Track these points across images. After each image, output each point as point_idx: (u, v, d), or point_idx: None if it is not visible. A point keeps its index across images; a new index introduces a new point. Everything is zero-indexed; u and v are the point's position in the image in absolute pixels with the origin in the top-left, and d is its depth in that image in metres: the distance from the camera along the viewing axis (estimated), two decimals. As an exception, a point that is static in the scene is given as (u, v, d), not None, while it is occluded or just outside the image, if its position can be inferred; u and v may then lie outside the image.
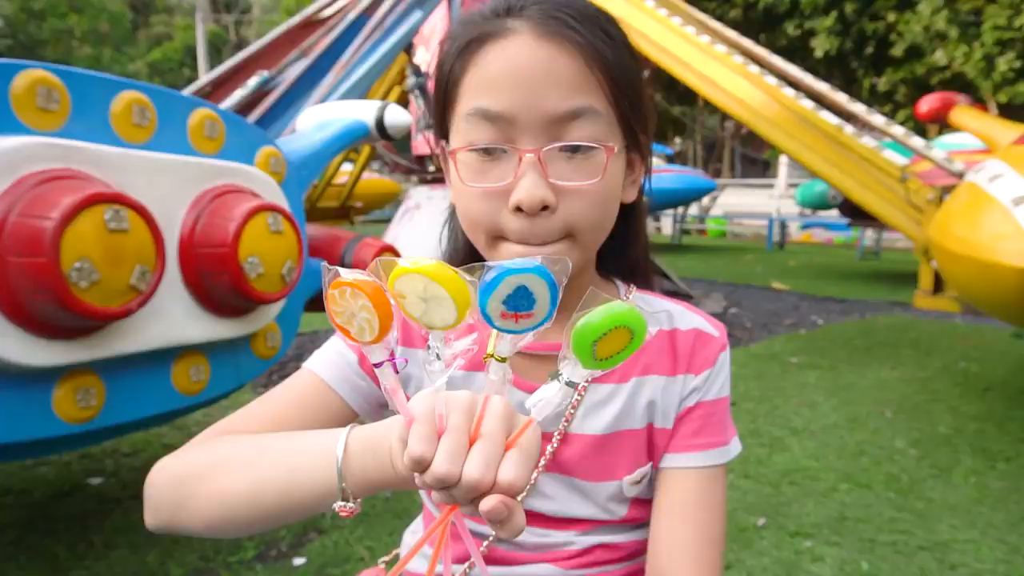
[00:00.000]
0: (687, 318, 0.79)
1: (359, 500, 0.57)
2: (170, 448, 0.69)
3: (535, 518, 0.75)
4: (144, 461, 2.83)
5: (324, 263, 0.51)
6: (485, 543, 0.75)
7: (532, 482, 0.74)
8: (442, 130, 0.73)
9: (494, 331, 0.48)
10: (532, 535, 0.75)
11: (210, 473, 0.64)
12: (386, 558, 0.87)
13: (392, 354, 0.50)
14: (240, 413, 0.72)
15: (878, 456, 2.95)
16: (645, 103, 0.71)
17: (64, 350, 1.54)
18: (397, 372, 0.50)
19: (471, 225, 0.71)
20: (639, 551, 0.78)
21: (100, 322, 1.57)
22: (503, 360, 0.48)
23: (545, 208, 0.65)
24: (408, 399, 0.50)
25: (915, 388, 3.95)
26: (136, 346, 1.69)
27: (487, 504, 0.45)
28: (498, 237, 0.68)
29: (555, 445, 0.73)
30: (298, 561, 2.08)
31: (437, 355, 0.48)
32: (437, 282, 0.45)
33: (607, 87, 0.66)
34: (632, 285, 0.82)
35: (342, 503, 0.57)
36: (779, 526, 2.34)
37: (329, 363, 0.74)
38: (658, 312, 0.79)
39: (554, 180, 0.65)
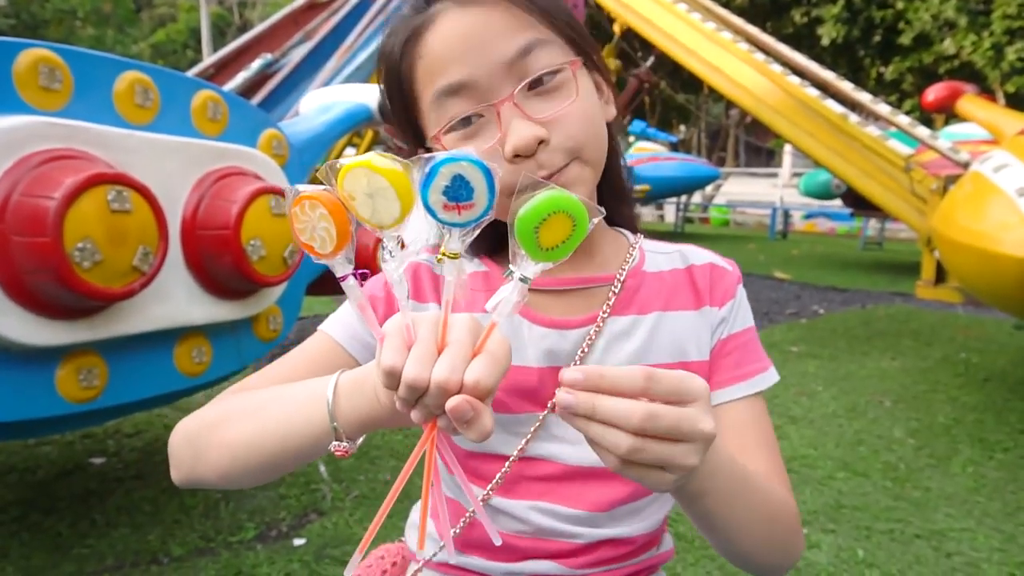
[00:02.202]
0: (699, 254, 0.83)
1: (355, 441, 0.60)
2: (172, 429, 0.72)
3: (548, 480, 0.73)
4: (146, 442, 2.85)
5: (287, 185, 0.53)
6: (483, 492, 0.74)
7: (540, 422, 0.73)
8: (417, 138, 0.75)
9: (445, 233, 0.50)
10: (538, 512, 0.73)
11: (219, 426, 0.68)
12: (404, 538, 0.87)
13: (357, 273, 0.53)
14: (255, 374, 0.75)
15: (876, 445, 2.97)
16: (583, 27, 0.74)
17: (67, 330, 1.55)
18: (362, 285, 0.53)
19: None
20: (648, 544, 0.78)
21: (103, 302, 1.57)
22: (455, 256, 0.50)
23: (541, 143, 0.67)
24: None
25: (915, 378, 3.95)
26: (138, 327, 1.70)
27: (452, 402, 0.46)
28: (510, 193, 0.69)
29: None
30: (298, 542, 2.10)
31: (391, 253, 0.51)
32: (378, 173, 0.47)
33: (544, 20, 0.69)
34: (640, 235, 0.84)
35: (336, 443, 0.59)
36: (776, 513, 2.35)
37: (341, 323, 0.76)
38: (671, 252, 0.82)
39: (537, 116, 0.68)
